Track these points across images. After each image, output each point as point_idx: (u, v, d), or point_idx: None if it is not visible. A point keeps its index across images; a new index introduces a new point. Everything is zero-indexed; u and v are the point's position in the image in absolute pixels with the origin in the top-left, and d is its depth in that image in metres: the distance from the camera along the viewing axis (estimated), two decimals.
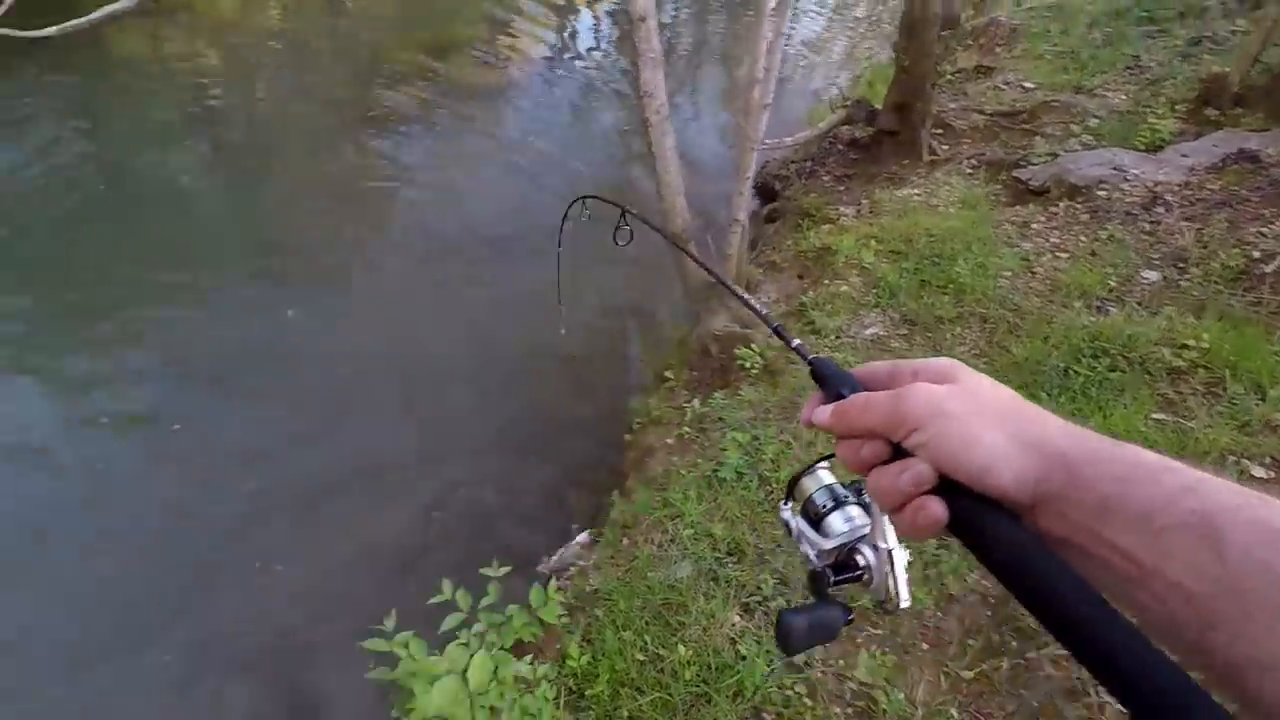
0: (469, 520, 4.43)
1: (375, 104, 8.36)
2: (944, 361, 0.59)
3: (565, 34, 10.97)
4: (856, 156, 6.60)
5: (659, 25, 3.50)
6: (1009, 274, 4.30)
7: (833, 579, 0.68)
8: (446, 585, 2.09)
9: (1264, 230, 4.08)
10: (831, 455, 0.71)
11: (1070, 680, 2.34)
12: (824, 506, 0.72)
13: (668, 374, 4.50)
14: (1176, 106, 5.83)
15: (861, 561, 0.67)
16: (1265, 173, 4.48)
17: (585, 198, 2.36)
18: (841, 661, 2.52)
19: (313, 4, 10.77)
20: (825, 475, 0.75)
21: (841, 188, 6.22)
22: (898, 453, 0.56)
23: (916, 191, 5.40)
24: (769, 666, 2.46)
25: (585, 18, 11.46)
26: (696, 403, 3.89)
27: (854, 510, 0.70)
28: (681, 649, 2.51)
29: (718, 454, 3.41)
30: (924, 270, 4.36)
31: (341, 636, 3.81)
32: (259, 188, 7.16)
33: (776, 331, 0.89)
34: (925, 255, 4.46)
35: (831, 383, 0.66)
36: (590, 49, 10.69)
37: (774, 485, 3.17)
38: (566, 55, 10.37)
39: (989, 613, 2.61)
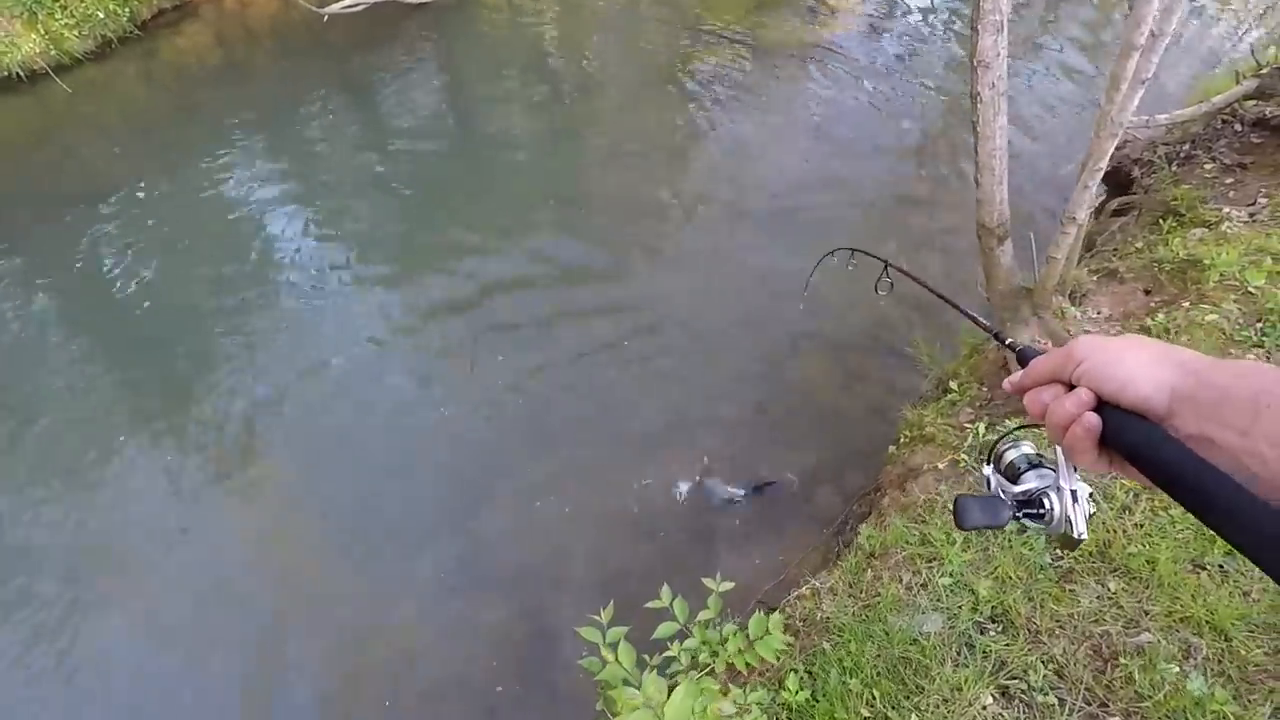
0: (714, 498, 4.41)
1: (693, 64, 8.48)
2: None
3: None
4: (1261, 140, 5.12)
5: None
6: None
7: (1017, 510, 0.79)
8: (665, 593, 2.02)
9: None
10: (1028, 425, 0.85)
11: None
12: (1020, 468, 0.82)
13: (952, 385, 3.96)
14: None
15: (1046, 504, 0.77)
16: None
17: (851, 249, 2.22)
18: None
19: None
20: (1026, 446, 0.85)
21: (1229, 180, 4.88)
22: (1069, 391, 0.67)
23: None
24: None
25: None
26: (982, 426, 3.35)
27: (1046, 471, 0.80)
28: (915, 719, 2.18)
29: None
30: None
31: (581, 581, 4.08)
32: (576, 139, 7.73)
33: (995, 336, 1.10)
34: None
35: (1031, 357, 0.77)
36: (917, 10, 9.68)
37: (1063, 553, 2.60)
38: (890, 17, 9.52)
39: None
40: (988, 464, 0.88)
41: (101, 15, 7.99)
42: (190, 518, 4.37)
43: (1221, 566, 2.40)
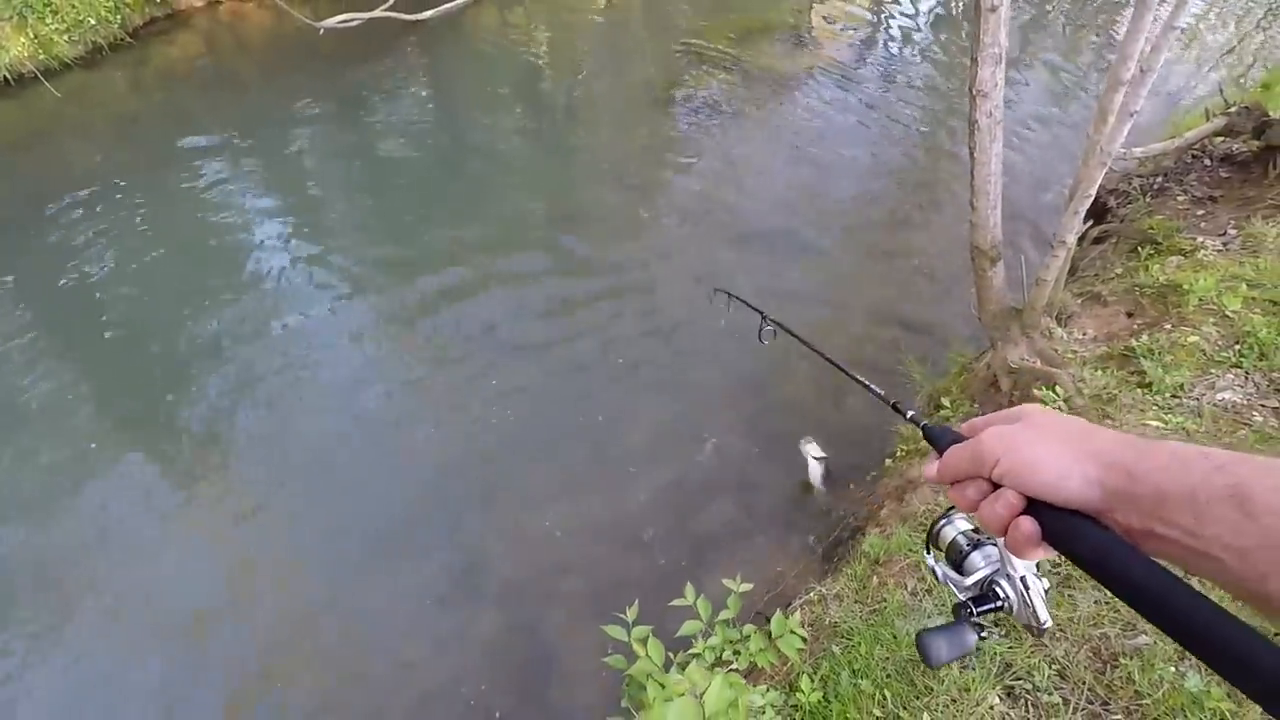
0: (705, 511, 4.46)
1: (679, 86, 8.65)
2: (1016, 409, 0.69)
3: (877, 23, 10.40)
4: (1229, 175, 5.39)
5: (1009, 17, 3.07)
6: None
7: (975, 610, 0.75)
8: (689, 591, 2.07)
9: None
10: None
11: None
12: (962, 549, 0.80)
13: (944, 401, 4.09)
14: None
15: (1000, 593, 0.75)
16: None
17: (729, 293, 2.19)
18: None
19: None
20: (962, 522, 0.83)
21: (1201, 212, 5.13)
22: (995, 488, 0.64)
23: None
24: None
25: (903, 3, 10.75)
26: None
27: (991, 549, 0.78)
28: (927, 718, 2.25)
29: None
30: None
31: (577, 594, 4.09)
32: (567, 156, 7.83)
33: (894, 407, 0.99)
34: None
35: (941, 441, 0.74)
36: (903, 40, 10.03)
37: (1062, 561, 2.70)
38: (875, 46, 9.84)
39: None
40: (928, 551, 0.86)
41: (93, 21, 7.97)
42: (171, 531, 4.30)
43: None
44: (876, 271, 6.12)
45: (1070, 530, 0.59)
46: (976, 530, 0.81)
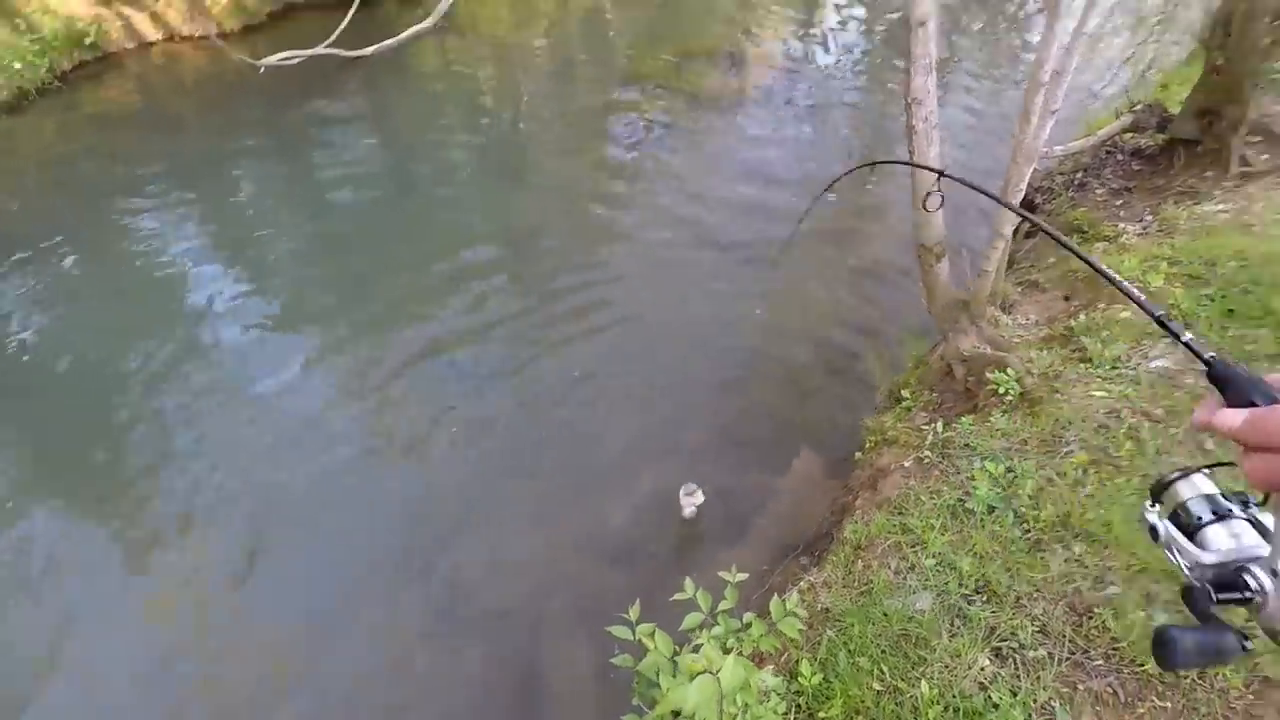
0: (683, 522, 4.52)
1: (622, 110, 8.86)
2: None
3: (807, 42, 10.86)
4: (1140, 167, 5.82)
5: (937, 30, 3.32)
6: None
7: (1216, 597, 0.62)
8: (689, 584, 2.15)
9: None
10: (1218, 464, 0.67)
11: None
12: (1200, 518, 0.66)
13: (904, 393, 4.28)
14: None
15: (1253, 584, 0.60)
16: None
17: (888, 161, 2.34)
18: None
19: (576, 19, 11.61)
20: (1205, 483, 0.68)
21: (1119, 202, 5.52)
22: None
23: (1222, 208, 4.63)
24: (1026, 718, 2.25)
25: (830, 22, 11.26)
26: (939, 426, 3.65)
27: (1242, 527, 0.64)
28: (925, 686, 2.37)
29: (965, 483, 3.18)
30: (1231, 299, 3.72)
31: (563, 612, 4.09)
32: (516, 183, 7.91)
33: (1159, 321, 0.82)
34: (1234, 282, 3.81)
35: (1239, 386, 0.60)
36: (832, 56, 10.50)
37: (1031, 524, 2.89)
38: (807, 63, 10.26)
39: None
40: (1152, 505, 0.72)
41: (18, 65, 7.74)
42: (131, 587, 4.15)
43: None
44: (828, 275, 6.35)
45: None
46: (1227, 498, 0.67)
